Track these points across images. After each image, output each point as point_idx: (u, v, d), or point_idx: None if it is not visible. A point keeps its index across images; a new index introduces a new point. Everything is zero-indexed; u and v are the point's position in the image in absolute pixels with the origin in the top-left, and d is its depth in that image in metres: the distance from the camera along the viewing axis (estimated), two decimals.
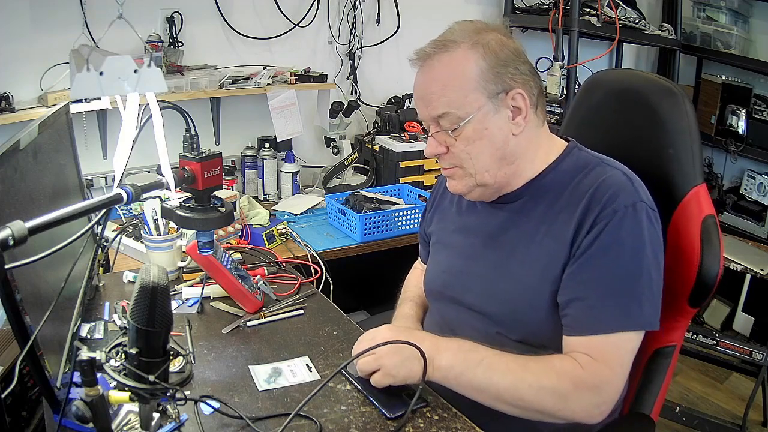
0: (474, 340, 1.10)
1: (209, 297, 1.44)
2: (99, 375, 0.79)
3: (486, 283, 1.18)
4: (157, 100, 1.11)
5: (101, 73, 0.95)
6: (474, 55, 1.07)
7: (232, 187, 2.39)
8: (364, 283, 2.28)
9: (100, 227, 1.37)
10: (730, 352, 2.39)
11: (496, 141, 1.10)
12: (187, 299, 1.42)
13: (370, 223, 2.08)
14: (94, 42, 2.11)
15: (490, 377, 1.02)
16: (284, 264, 1.68)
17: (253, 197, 2.35)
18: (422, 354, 1.03)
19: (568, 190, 1.11)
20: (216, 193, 1.12)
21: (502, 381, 1.02)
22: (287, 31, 2.53)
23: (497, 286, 1.16)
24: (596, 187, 1.07)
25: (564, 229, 1.08)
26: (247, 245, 1.84)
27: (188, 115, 1.11)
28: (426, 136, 1.15)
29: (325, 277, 1.82)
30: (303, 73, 2.49)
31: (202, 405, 1.01)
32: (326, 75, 2.53)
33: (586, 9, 2.67)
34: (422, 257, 1.46)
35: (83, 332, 1.21)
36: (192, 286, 1.46)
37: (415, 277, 1.47)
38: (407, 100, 2.74)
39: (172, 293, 1.40)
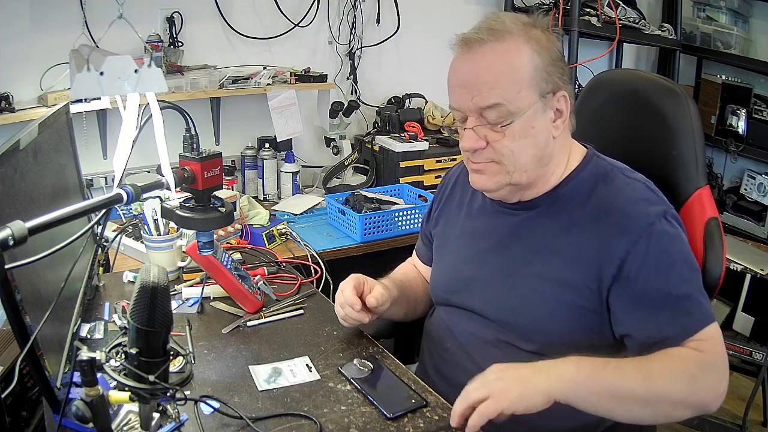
0: (482, 348, 1.09)
1: (209, 297, 1.44)
2: (99, 375, 0.79)
3: (496, 290, 1.16)
4: (157, 100, 1.11)
5: (101, 73, 0.95)
6: (529, 50, 1.04)
7: (232, 187, 2.39)
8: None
9: (100, 227, 1.37)
10: (730, 352, 2.39)
11: (539, 141, 1.08)
12: (187, 299, 1.42)
13: (370, 223, 2.07)
14: (94, 42, 2.11)
15: (622, 374, 0.97)
16: (284, 264, 1.68)
17: (253, 197, 2.35)
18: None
19: (590, 201, 1.10)
20: (216, 193, 1.12)
21: (635, 376, 0.97)
22: (287, 31, 2.53)
23: (511, 294, 1.14)
24: (620, 200, 1.08)
25: (588, 241, 1.07)
26: (247, 245, 1.84)
27: (188, 115, 1.12)
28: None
29: (325, 277, 1.82)
30: (303, 73, 2.49)
31: (202, 405, 1.01)
32: (326, 75, 2.53)
33: (586, 9, 2.67)
34: (420, 255, 1.44)
35: (83, 332, 1.21)
36: (192, 286, 1.46)
37: (404, 267, 1.46)
38: (407, 100, 2.74)
39: (172, 293, 1.39)
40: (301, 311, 1.39)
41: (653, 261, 1.03)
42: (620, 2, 2.81)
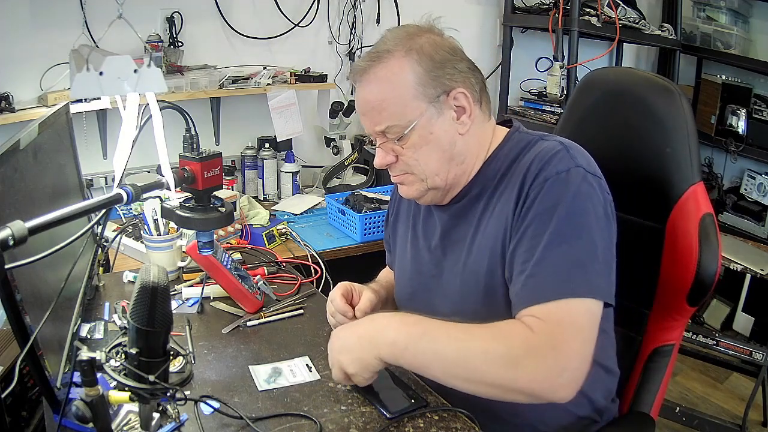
0: None
1: (209, 297, 1.43)
2: (99, 375, 0.79)
3: (449, 283, 1.18)
4: (157, 100, 1.11)
5: (101, 73, 0.95)
6: (409, 62, 1.06)
7: (232, 187, 2.39)
8: (363, 283, 2.27)
9: (100, 227, 1.37)
10: (730, 352, 2.39)
11: (442, 143, 1.10)
12: (187, 299, 1.42)
13: (370, 223, 2.07)
14: (94, 42, 2.11)
15: (435, 348, 0.97)
16: (284, 264, 1.68)
17: (253, 197, 2.35)
18: None
19: (509, 173, 1.11)
20: (216, 193, 1.12)
21: (446, 350, 0.96)
22: (287, 31, 2.54)
23: (456, 282, 1.16)
24: (531, 160, 1.06)
25: (505, 209, 1.07)
26: (247, 245, 1.84)
27: (188, 115, 1.11)
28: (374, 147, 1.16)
29: (325, 277, 1.82)
30: (303, 73, 2.49)
31: (202, 405, 1.01)
32: (326, 75, 2.53)
33: (586, 9, 2.67)
34: (388, 263, 1.46)
35: (83, 332, 1.21)
36: (192, 286, 1.46)
37: (386, 270, 1.48)
38: None
39: (172, 293, 1.40)
40: (301, 311, 1.40)
41: (533, 216, 1.01)
42: (620, 2, 2.80)
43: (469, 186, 1.15)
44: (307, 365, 1.17)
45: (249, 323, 1.33)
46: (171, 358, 0.85)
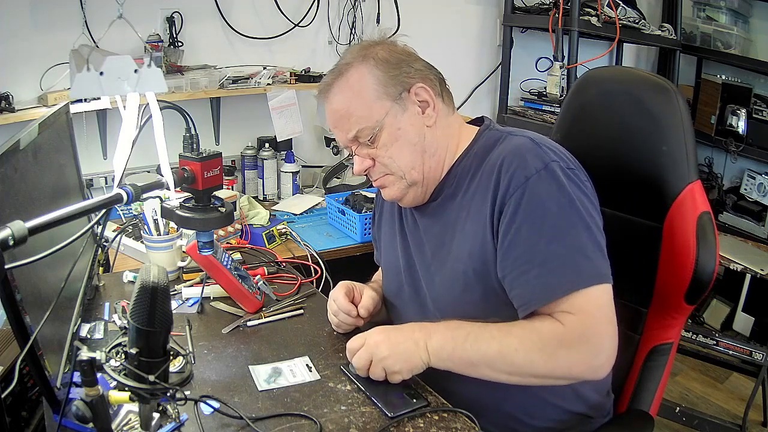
0: None
1: (209, 297, 1.43)
2: (99, 375, 0.79)
3: (433, 282, 1.19)
4: (157, 100, 1.11)
5: (101, 73, 0.95)
6: (367, 68, 1.13)
7: (232, 187, 2.39)
8: (363, 283, 2.27)
9: (100, 227, 1.37)
10: (730, 352, 2.39)
11: (411, 137, 1.14)
12: (187, 299, 1.42)
13: (370, 223, 2.07)
14: (94, 42, 2.11)
15: (478, 348, 1.02)
16: (284, 264, 1.68)
17: (253, 197, 2.34)
18: None
19: (481, 171, 1.13)
20: (216, 193, 1.12)
21: (489, 349, 1.01)
22: (287, 31, 2.54)
23: (436, 281, 1.18)
24: (503, 158, 1.08)
25: (481, 208, 1.09)
26: (247, 245, 1.84)
27: (188, 115, 1.12)
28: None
29: (325, 277, 1.82)
30: (303, 73, 2.49)
31: (202, 405, 1.01)
32: None
33: (586, 9, 2.67)
34: (376, 258, 1.47)
35: (83, 332, 1.21)
36: (192, 286, 1.46)
37: (379, 271, 1.49)
38: None
39: (172, 293, 1.40)
40: (301, 311, 1.40)
41: (524, 216, 1.03)
42: (620, 2, 2.80)
43: (443, 184, 1.19)
44: (307, 365, 1.17)
45: (249, 323, 1.33)
46: (171, 358, 0.85)
